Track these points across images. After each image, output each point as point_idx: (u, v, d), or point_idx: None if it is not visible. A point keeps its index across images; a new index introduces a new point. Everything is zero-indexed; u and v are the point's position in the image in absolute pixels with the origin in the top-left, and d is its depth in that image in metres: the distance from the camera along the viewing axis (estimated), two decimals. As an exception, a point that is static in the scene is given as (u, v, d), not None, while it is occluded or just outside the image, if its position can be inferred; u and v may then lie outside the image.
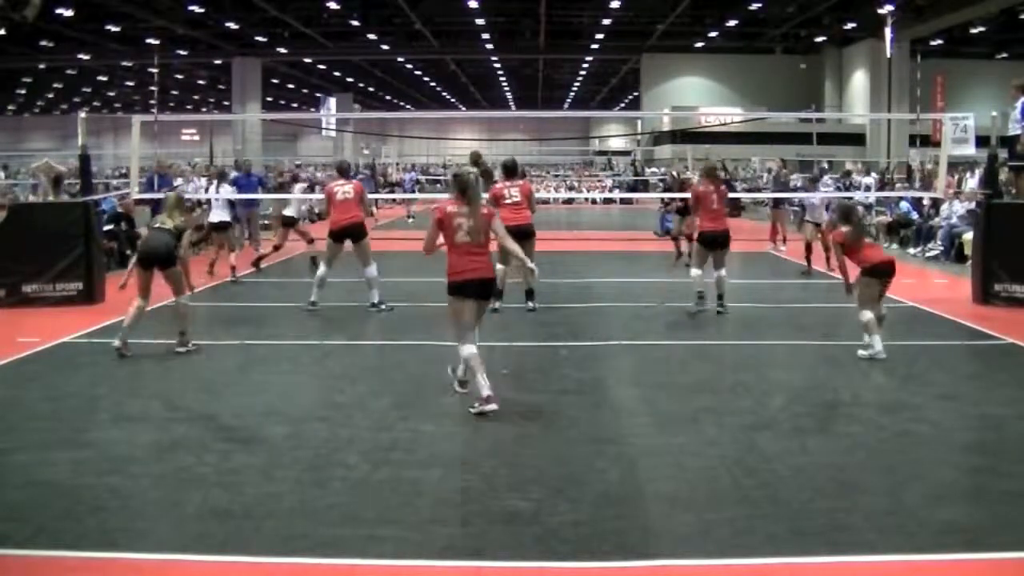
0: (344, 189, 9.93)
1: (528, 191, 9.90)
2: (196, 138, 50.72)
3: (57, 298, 10.09)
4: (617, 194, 34.78)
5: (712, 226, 9.59)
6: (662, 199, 17.87)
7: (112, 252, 13.47)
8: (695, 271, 9.65)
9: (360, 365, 7.52)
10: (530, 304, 9.79)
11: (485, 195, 9.32)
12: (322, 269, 9.94)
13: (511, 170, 9.91)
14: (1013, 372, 7.19)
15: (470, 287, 5.96)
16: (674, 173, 18.99)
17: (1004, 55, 37.28)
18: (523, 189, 9.84)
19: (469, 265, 5.95)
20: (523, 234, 9.45)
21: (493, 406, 5.76)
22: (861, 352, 7.49)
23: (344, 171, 10.52)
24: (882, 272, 7.66)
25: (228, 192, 13.08)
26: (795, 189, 16.17)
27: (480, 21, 35.02)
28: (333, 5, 32.24)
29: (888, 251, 16.63)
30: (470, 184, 6.01)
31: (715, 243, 9.61)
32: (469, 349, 5.94)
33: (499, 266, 9.70)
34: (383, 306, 9.91)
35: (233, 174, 18.76)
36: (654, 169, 37.34)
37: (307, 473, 4.78)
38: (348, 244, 10.01)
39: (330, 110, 50.21)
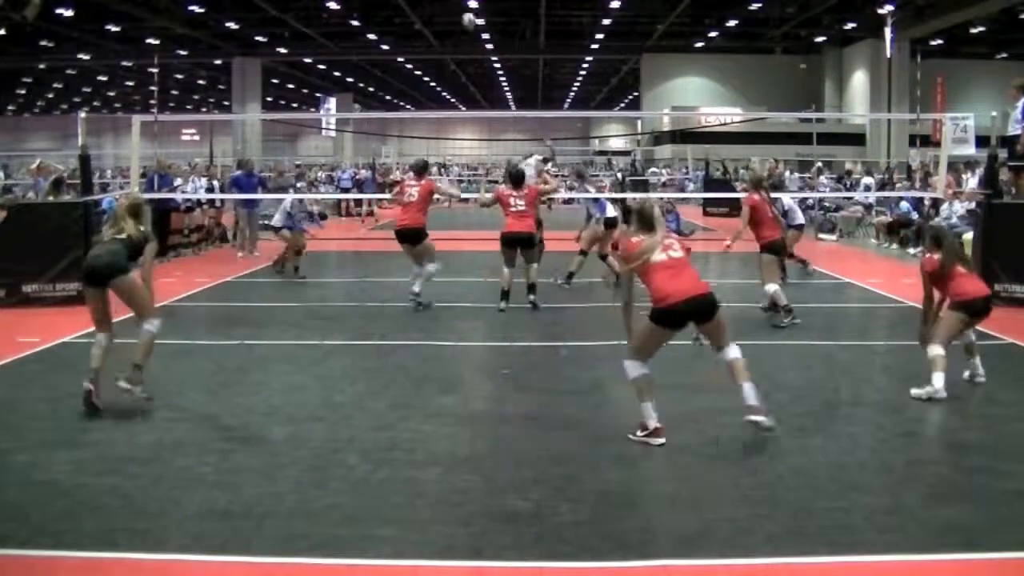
0: (411, 191, 10.06)
1: (533, 197, 10.10)
2: (196, 138, 50.72)
3: (57, 298, 10.08)
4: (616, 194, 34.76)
5: (773, 235, 9.17)
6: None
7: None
8: (772, 286, 9.07)
9: (360, 365, 7.52)
10: (531, 298, 9.89)
11: (523, 192, 9.76)
12: (418, 269, 10.07)
13: (517, 179, 10.08)
14: (1013, 372, 7.19)
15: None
16: (618, 175, 18.63)
17: (1004, 55, 37.31)
18: (528, 196, 9.94)
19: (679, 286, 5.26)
20: (525, 241, 9.91)
21: (660, 440, 5.20)
22: (916, 391, 6.29)
23: (419, 170, 10.40)
24: (978, 310, 6.48)
25: (289, 198, 13.12)
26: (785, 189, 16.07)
27: (480, 21, 35.00)
28: (333, 5, 32.26)
29: (888, 251, 16.76)
30: (656, 217, 5.51)
31: (781, 250, 9.51)
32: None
33: (505, 270, 9.85)
34: (420, 300, 9.94)
35: (235, 172, 18.73)
36: (654, 169, 37.37)
37: (307, 473, 4.78)
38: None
39: (330, 110, 50.23)
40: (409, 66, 48.03)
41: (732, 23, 34.97)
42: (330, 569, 3.71)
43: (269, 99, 52.98)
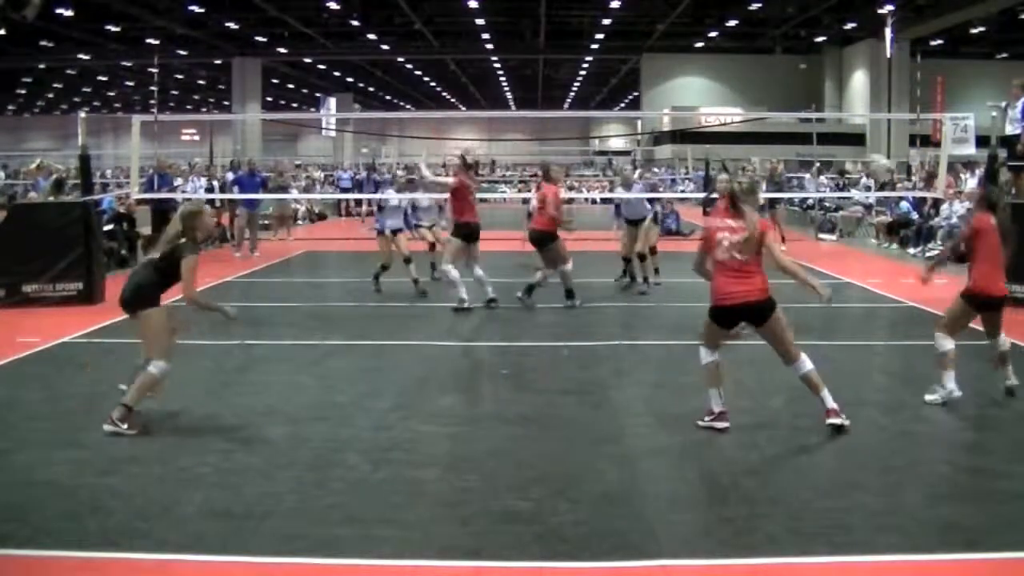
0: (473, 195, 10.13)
1: (544, 196, 10.05)
2: (196, 138, 50.74)
3: (57, 298, 10.08)
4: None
5: None
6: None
7: (112, 252, 13.48)
8: None
9: (360, 365, 7.52)
10: (568, 302, 10.02)
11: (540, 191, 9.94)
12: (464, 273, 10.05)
13: (543, 175, 10.41)
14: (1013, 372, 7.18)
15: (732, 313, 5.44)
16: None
17: (1004, 55, 37.32)
18: (541, 194, 10.09)
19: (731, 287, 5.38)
20: (536, 241, 10.04)
21: (725, 424, 5.43)
22: (930, 397, 6.09)
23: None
24: (988, 304, 6.13)
25: (394, 196, 11.93)
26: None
27: (480, 21, 35.03)
28: (333, 5, 32.25)
29: (888, 251, 16.75)
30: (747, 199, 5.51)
31: None
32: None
33: (538, 273, 10.09)
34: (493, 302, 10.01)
35: (229, 174, 18.71)
36: (654, 169, 37.34)
37: (307, 473, 4.78)
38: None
39: (330, 110, 50.25)
40: (409, 66, 48.02)
41: (732, 23, 34.98)
42: (330, 569, 3.71)
43: (269, 99, 52.98)
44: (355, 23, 35.27)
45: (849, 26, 34.64)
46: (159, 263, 5.63)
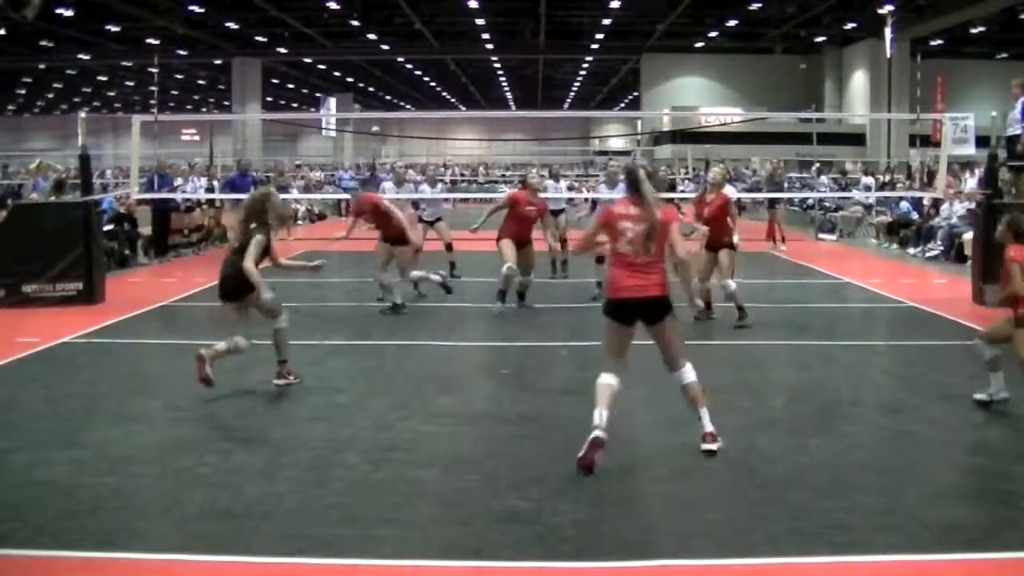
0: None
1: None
2: (196, 138, 50.66)
3: (57, 298, 10.08)
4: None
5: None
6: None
7: (112, 252, 13.48)
8: (733, 283, 9.17)
9: (360, 365, 7.52)
10: (496, 303, 9.77)
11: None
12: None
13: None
14: (1013, 372, 7.18)
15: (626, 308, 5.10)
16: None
17: (1004, 55, 37.31)
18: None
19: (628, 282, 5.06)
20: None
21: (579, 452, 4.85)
22: (978, 395, 6.03)
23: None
24: None
25: (431, 192, 12.38)
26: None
27: (480, 21, 35.01)
28: (333, 5, 32.25)
29: (888, 251, 16.75)
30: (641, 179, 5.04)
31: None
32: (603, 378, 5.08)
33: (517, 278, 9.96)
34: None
35: (231, 174, 18.68)
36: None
37: (307, 473, 4.78)
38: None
39: (330, 110, 50.25)
40: (409, 66, 48.02)
41: (732, 23, 34.96)
42: (330, 569, 3.71)
43: (269, 99, 52.97)
44: (355, 23, 35.25)
45: (849, 26, 34.60)
46: (239, 252, 6.38)
